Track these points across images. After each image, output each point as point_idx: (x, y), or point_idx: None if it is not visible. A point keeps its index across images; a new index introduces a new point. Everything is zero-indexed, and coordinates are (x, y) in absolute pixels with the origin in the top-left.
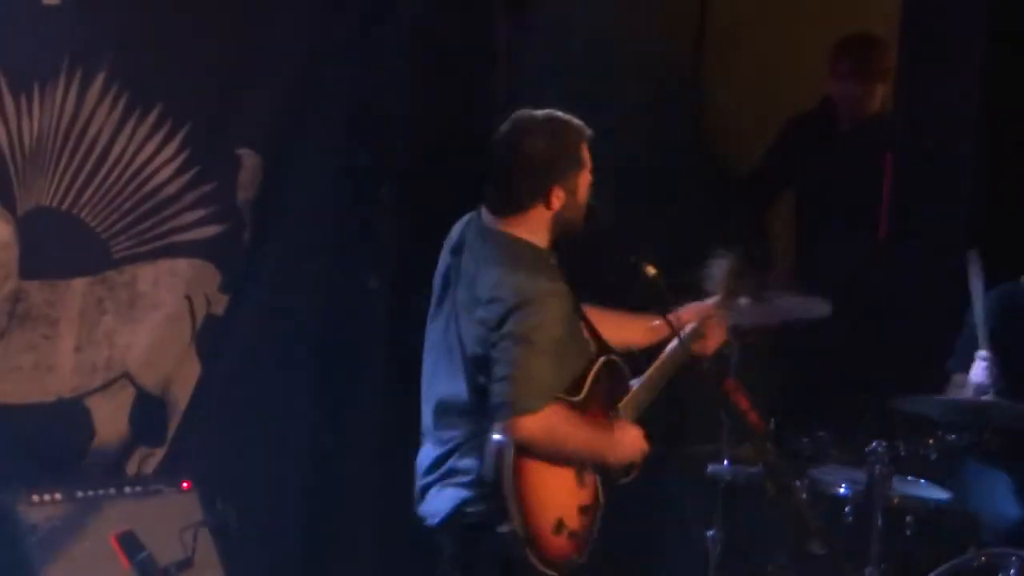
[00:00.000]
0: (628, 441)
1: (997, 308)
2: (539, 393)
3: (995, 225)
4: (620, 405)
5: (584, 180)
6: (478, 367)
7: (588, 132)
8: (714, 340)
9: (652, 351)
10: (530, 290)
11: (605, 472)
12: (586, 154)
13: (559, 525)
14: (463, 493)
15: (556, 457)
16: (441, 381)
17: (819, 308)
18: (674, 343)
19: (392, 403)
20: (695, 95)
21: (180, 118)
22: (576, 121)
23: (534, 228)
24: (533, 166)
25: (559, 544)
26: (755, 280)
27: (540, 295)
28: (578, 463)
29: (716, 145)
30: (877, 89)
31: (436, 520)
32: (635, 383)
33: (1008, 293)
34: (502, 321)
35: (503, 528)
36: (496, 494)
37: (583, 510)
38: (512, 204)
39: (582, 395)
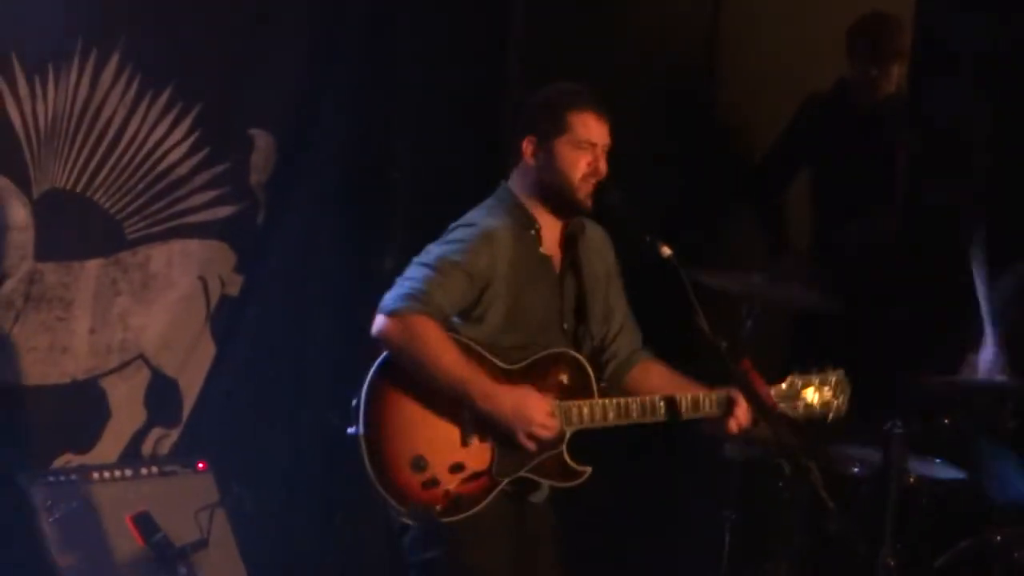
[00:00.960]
0: (519, 400)
1: (1010, 289)
2: (413, 299)
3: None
4: (568, 400)
5: (565, 148)
6: None
7: (587, 105)
8: (736, 423)
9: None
10: (475, 219)
11: (506, 447)
12: (578, 125)
13: (418, 462)
14: None
15: (416, 372)
16: None
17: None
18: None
19: None
20: (709, 83)
21: (191, 99)
22: (580, 94)
23: (521, 184)
24: (517, 117)
25: (414, 483)
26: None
27: (482, 222)
28: (438, 390)
29: (730, 132)
30: (893, 70)
31: None
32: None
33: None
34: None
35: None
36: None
37: (456, 468)
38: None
39: (516, 367)
